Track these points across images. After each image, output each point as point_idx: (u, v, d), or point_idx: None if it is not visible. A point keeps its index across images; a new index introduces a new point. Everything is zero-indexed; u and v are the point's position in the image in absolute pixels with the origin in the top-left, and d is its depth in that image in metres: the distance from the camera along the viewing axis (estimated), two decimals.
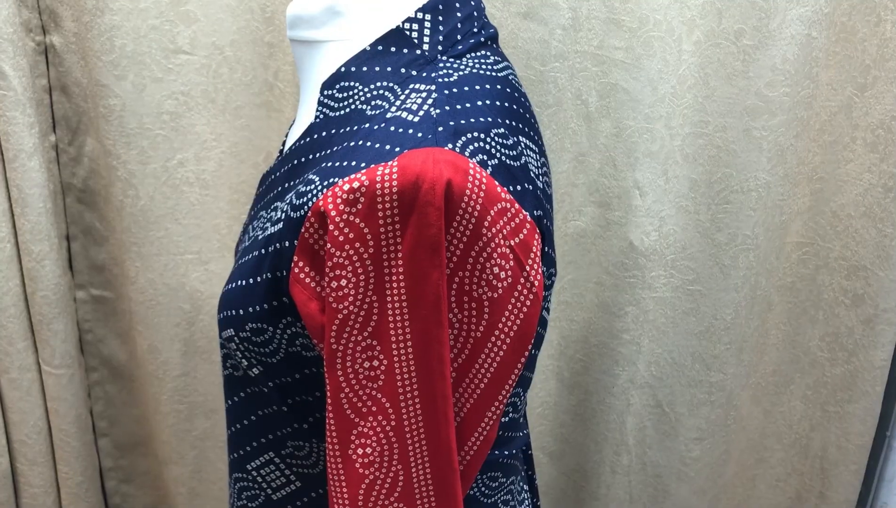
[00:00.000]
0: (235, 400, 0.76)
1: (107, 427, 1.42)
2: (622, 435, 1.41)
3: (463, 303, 0.63)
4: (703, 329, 1.35)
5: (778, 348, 1.44)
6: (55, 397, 1.27)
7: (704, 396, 1.40)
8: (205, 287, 1.27)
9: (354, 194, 0.60)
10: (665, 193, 1.27)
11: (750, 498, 1.55)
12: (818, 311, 1.40)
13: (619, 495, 1.45)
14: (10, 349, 1.22)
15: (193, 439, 1.34)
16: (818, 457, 1.47)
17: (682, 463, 1.44)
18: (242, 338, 0.70)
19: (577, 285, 1.35)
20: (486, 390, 0.67)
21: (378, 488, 0.66)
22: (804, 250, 1.37)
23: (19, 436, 1.27)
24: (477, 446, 0.69)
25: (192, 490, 1.38)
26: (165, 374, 1.29)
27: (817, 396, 1.44)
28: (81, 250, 1.31)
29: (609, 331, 1.35)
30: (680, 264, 1.31)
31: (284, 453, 0.76)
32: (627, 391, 1.38)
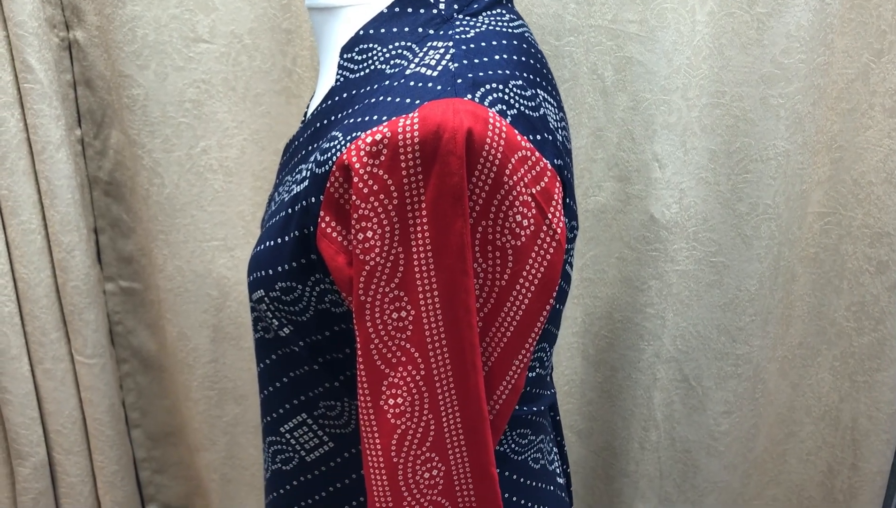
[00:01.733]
0: (267, 363, 0.78)
1: (139, 418, 1.44)
2: (650, 411, 1.41)
3: (487, 252, 0.65)
4: (728, 301, 1.35)
5: (803, 320, 1.43)
6: (88, 386, 1.29)
7: (731, 369, 1.40)
8: (231, 274, 1.28)
9: (377, 147, 0.61)
10: (684, 164, 1.28)
11: (781, 474, 1.55)
12: (843, 281, 1.39)
13: (648, 471, 1.45)
14: (44, 340, 1.24)
15: (224, 425, 1.36)
16: (849, 429, 1.46)
17: (710, 438, 1.44)
18: (272, 298, 0.71)
19: (599, 261, 1.36)
20: (512, 338, 0.68)
21: (410, 438, 0.67)
22: (826, 219, 1.37)
23: (55, 426, 1.29)
24: (506, 395, 0.70)
25: (225, 477, 1.39)
26: (195, 361, 1.31)
27: (845, 367, 1.43)
28: (109, 243, 1.34)
29: (633, 306, 1.35)
30: (702, 236, 1.32)
31: (316, 414, 0.77)
32: (653, 366, 1.38)
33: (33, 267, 1.21)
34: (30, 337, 1.24)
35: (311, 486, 0.80)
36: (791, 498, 1.55)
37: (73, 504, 1.34)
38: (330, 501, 0.80)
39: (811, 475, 1.52)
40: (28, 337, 1.24)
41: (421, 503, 0.69)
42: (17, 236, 1.19)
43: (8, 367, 1.23)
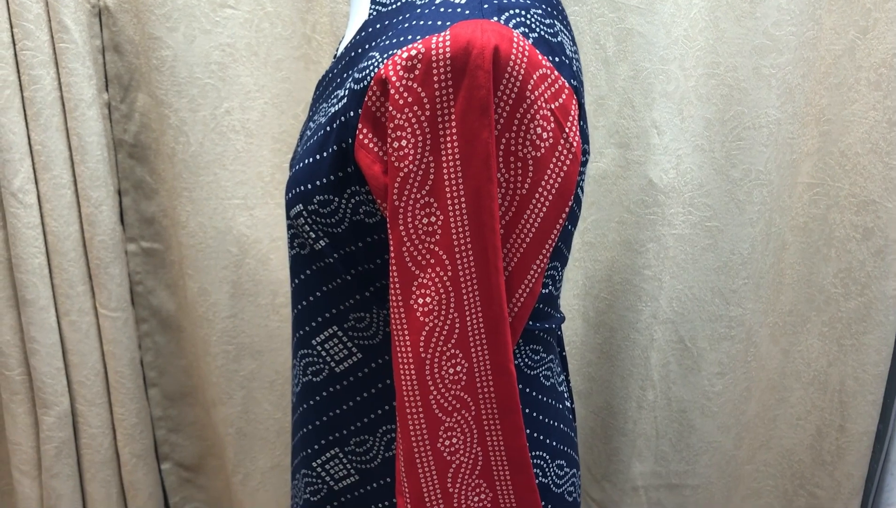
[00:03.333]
0: (302, 278, 0.84)
1: (156, 377, 1.50)
2: (647, 370, 1.47)
3: (509, 163, 0.71)
4: (722, 264, 1.42)
5: (793, 287, 1.50)
6: (111, 339, 1.35)
7: (725, 331, 1.46)
8: (250, 232, 1.35)
9: (412, 61, 0.68)
10: (681, 132, 1.35)
11: (772, 439, 1.61)
12: (830, 249, 1.46)
13: (645, 430, 1.51)
14: (71, 292, 1.30)
15: (241, 379, 1.42)
16: (836, 391, 1.53)
17: (705, 398, 1.50)
18: (310, 211, 0.78)
19: (600, 225, 1.43)
20: (531, 244, 0.74)
21: (437, 335, 0.73)
22: (815, 190, 1.44)
23: (78, 377, 1.35)
24: (524, 298, 0.76)
25: (240, 431, 1.45)
26: (214, 316, 1.37)
27: (833, 332, 1.50)
28: (132, 204, 1.40)
29: (631, 268, 1.42)
30: (697, 201, 1.39)
31: (347, 326, 0.84)
32: (651, 327, 1.45)
33: (63, 221, 1.26)
34: (57, 289, 1.30)
35: (339, 396, 0.86)
36: (782, 463, 1.62)
37: (93, 455, 1.39)
38: (358, 410, 0.86)
39: (801, 438, 1.59)
40: (55, 289, 1.30)
41: (445, 397, 0.75)
42: (49, 191, 1.24)
43: (36, 317, 1.28)
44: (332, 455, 0.89)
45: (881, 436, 1.57)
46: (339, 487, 0.90)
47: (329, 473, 0.90)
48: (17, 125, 1.20)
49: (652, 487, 1.56)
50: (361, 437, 0.87)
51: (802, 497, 1.62)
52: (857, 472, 1.55)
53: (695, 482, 1.56)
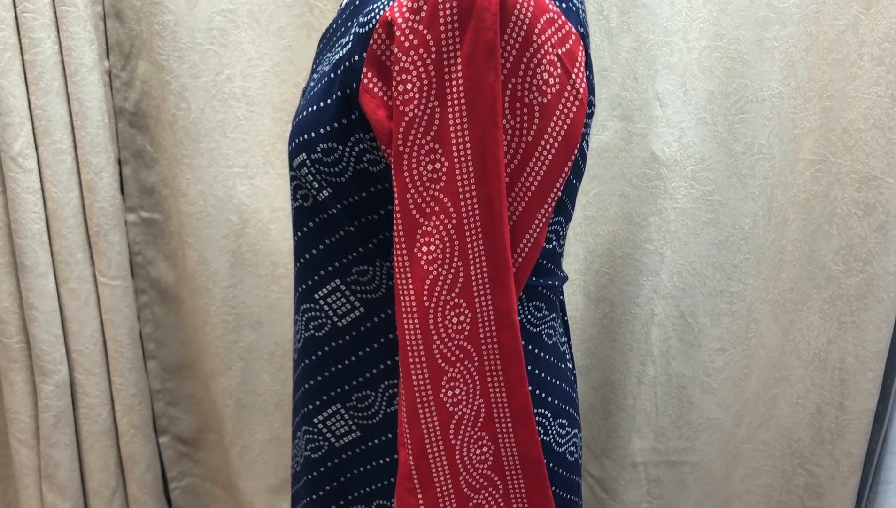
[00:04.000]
0: (304, 231, 0.83)
1: (155, 350, 1.49)
2: (647, 345, 1.47)
3: (515, 109, 0.71)
4: (723, 239, 1.42)
5: (794, 265, 1.50)
6: (110, 308, 1.34)
7: (725, 306, 1.46)
8: (251, 201, 1.34)
9: (418, 3, 0.68)
10: (684, 104, 1.35)
11: (771, 418, 1.61)
12: (832, 226, 1.46)
13: (645, 406, 1.51)
14: (70, 260, 1.29)
15: (241, 350, 1.41)
16: (836, 369, 1.52)
17: (705, 374, 1.50)
18: (314, 160, 0.77)
19: (602, 198, 1.42)
20: (536, 192, 0.74)
21: (441, 284, 0.73)
22: (816, 167, 1.44)
23: (77, 346, 1.34)
24: (528, 248, 0.76)
25: (239, 402, 1.44)
26: (214, 285, 1.37)
27: (833, 309, 1.50)
28: (132, 174, 1.39)
29: (633, 242, 1.42)
30: (700, 175, 1.38)
31: (349, 280, 0.83)
32: (651, 302, 1.44)
33: (62, 187, 1.26)
34: (56, 256, 1.29)
35: (341, 351, 0.86)
36: (781, 442, 1.62)
37: (91, 425, 1.38)
38: (359, 365, 0.86)
39: (800, 417, 1.58)
40: (55, 256, 1.29)
41: (448, 347, 0.75)
42: (49, 156, 1.24)
43: (35, 284, 1.28)
44: (333, 411, 0.88)
45: (881, 415, 1.57)
46: (340, 444, 0.90)
47: (330, 429, 0.89)
48: (18, 88, 1.19)
49: (651, 464, 1.55)
50: (363, 393, 0.87)
51: (801, 476, 1.62)
52: (857, 450, 1.55)
53: (694, 459, 1.56)
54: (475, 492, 0.80)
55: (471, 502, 0.81)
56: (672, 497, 1.59)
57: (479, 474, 0.80)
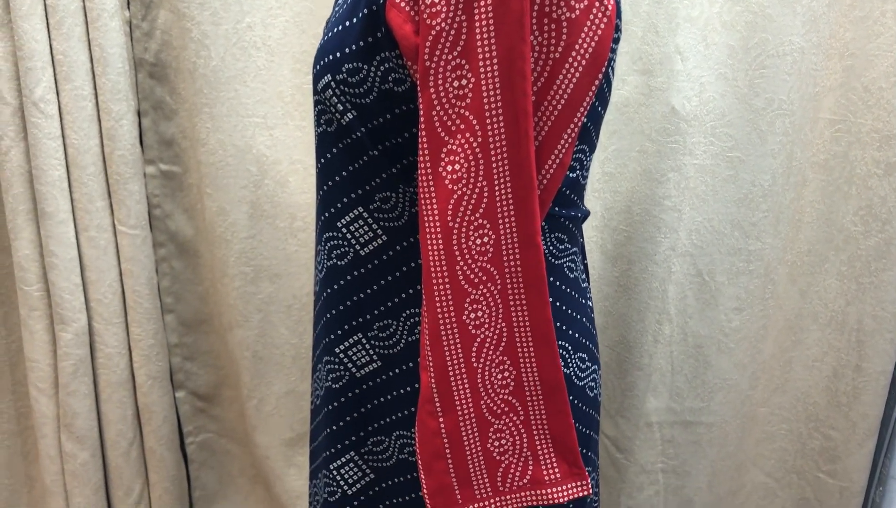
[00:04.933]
0: (328, 157, 0.84)
1: (172, 303, 1.50)
2: (664, 304, 1.47)
3: (543, 25, 0.71)
4: (742, 196, 1.41)
5: (812, 226, 1.49)
6: (129, 257, 1.35)
7: (743, 264, 1.46)
8: (270, 152, 1.34)
9: None
10: (705, 59, 1.34)
11: (787, 382, 1.60)
12: (851, 186, 1.45)
13: (661, 365, 1.51)
14: (90, 207, 1.30)
15: (259, 302, 1.42)
16: (854, 330, 1.52)
17: (722, 334, 1.50)
18: (339, 81, 0.77)
19: (621, 154, 1.42)
20: (562, 111, 0.74)
21: (465, 203, 0.73)
22: (836, 127, 1.43)
23: (96, 295, 1.35)
24: (553, 169, 0.76)
25: (256, 355, 1.45)
26: (233, 236, 1.37)
27: (852, 271, 1.49)
28: (151, 126, 1.39)
29: (651, 198, 1.41)
30: (719, 130, 1.38)
31: (372, 207, 0.83)
32: (669, 259, 1.44)
33: (83, 133, 1.26)
34: (76, 204, 1.30)
35: (363, 280, 0.86)
36: (796, 406, 1.61)
37: (109, 375, 1.39)
38: (381, 294, 0.86)
39: (816, 380, 1.58)
40: (75, 204, 1.30)
41: (472, 268, 0.75)
42: (70, 102, 1.24)
43: (55, 231, 1.28)
44: (354, 340, 0.89)
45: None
46: (360, 374, 0.90)
47: (351, 359, 0.89)
48: (40, 33, 1.19)
49: (666, 423, 1.55)
50: (385, 322, 0.87)
51: (817, 440, 1.61)
52: (873, 412, 1.54)
53: (709, 419, 1.56)
54: (496, 417, 0.81)
55: (492, 427, 0.81)
56: (687, 458, 1.59)
57: (500, 399, 0.80)
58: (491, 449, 0.81)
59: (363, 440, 0.92)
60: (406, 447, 0.90)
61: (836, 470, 1.61)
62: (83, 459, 1.41)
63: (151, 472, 1.48)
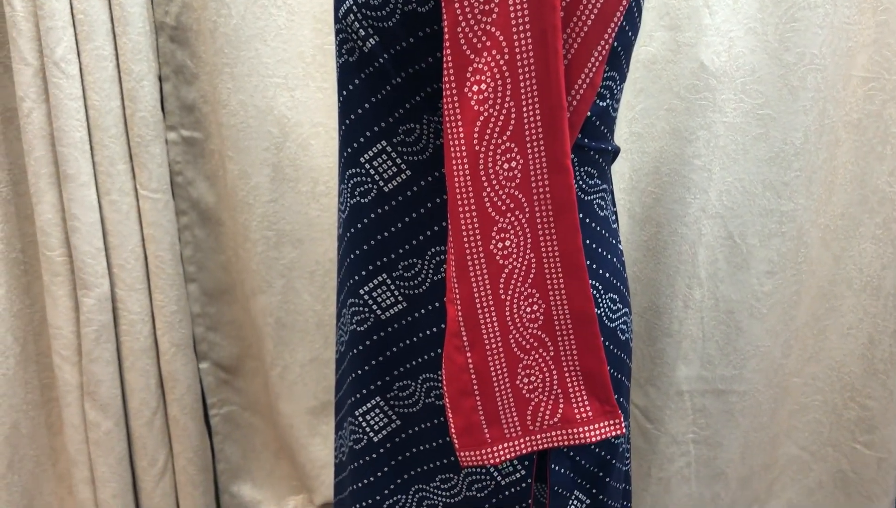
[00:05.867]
0: (350, 89, 0.82)
1: (195, 272, 1.49)
2: (694, 268, 1.43)
3: None
4: (774, 155, 1.38)
5: (846, 189, 1.45)
6: (151, 222, 1.34)
7: (775, 226, 1.42)
8: (291, 114, 1.33)
9: None
10: (734, 12, 1.31)
11: (821, 350, 1.56)
12: (886, 146, 1.41)
13: (691, 331, 1.47)
14: (112, 170, 1.29)
15: (281, 267, 1.40)
16: (891, 296, 1.48)
17: (754, 298, 1.46)
18: (360, 5, 0.75)
19: (649, 113, 1.39)
20: (592, 27, 0.71)
21: (492, 126, 0.71)
22: (870, 85, 1.39)
23: (118, 261, 1.34)
24: (583, 90, 0.73)
25: (279, 321, 1.43)
26: (255, 200, 1.36)
27: (887, 233, 1.45)
28: (173, 91, 1.38)
29: (681, 158, 1.38)
30: (749, 87, 1.34)
31: (396, 141, 0.81)
32: (699, 221, 1.41)
33: (104, 94, 1.25)
34: (98, 166, 1.29)
35: (388, 218, 0.84)
36: (831, 376, 1.57)
37: (132, 342, 1.38)
38: (406, 232, 0.84)
39: (851, 348, 1.54)
40: (96, 167, 1.29)
41: (499, 194, 0.73)
42: (91, 62, 1.23)
43: (77, 194, 1.28)
44: (379, 281, 0.87)
45: None
46: (386, 316, 0.88)
47: (376, 301, 0.87)
48: None
49: (697, 392, 1.52)
50: (409, 261, 0.85)
51: (853, 410, 1.57)
52: None
53: (741, 388, 1.52)
54: (525, 353, 0.78)
55: (521, 363, 0.78)
56: (718, 429, 1.55)
57: (529, 334, 0.78)
58: (520, 386, 0.79)
59: (389, 385, 0.90)
60: (433, 390, 0.88)
61: (874, 441, 1.56)
62: (107, 428, 1.40)
63: (175, 442, 1.47)
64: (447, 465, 0.90)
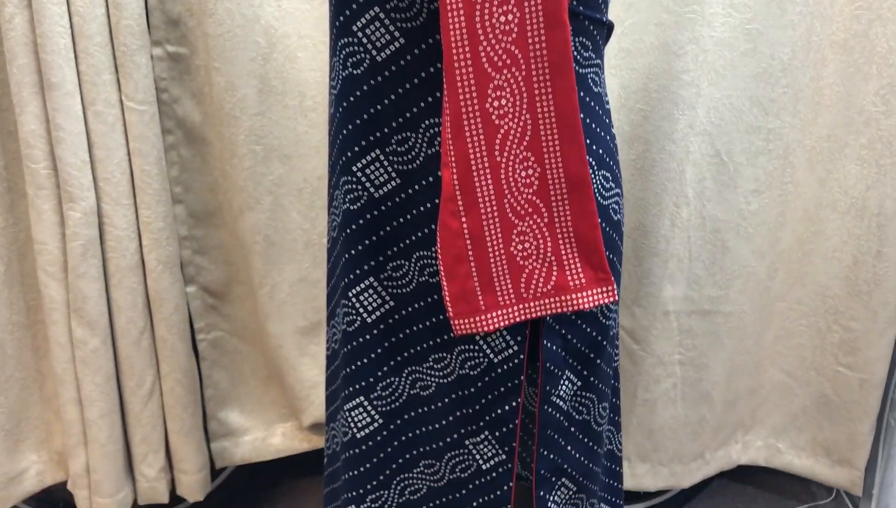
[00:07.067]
0: None
1: (181, 193, 1.47)
2: (682, 186, 1.44)
3: None
4: (761, 71, 1.38)
5: (832, 110, 1.46)
6: (137, 135, 1.32)
7: (762, 144, 1.43)
8: (279, 25, 1.32)
9: None
10: None
11: (806, 275, 1.58)
12: (871, 66, 1.42)
13: (678, 251, 1.48)
14: (97, 80, 1.27)
15: (269, 183, 1.39)
16: (875, 215, 1.49)
17: (740, 217, 1.47)
18: None
19: (637, 28, 1.39)
20: None
21: None
22: (857, 4, 1.40)
23: (104, 174, 1.32)
24: None
25: (268, 239, 1.42)
26: (242, 113, 1.35)
27: (872, 153, 1.46)
28: (157, 4, 1.36)
29: (669, 73, 1.38)
30: (737, 1, 1.34)
31: (389, 7, 0.80)
32: (687, 138, 1.41)
33: (88, 0, 1.23)
34: (83, 76, 1.27)
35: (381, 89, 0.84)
36: (815, 300, 1.59)
37: (119, 259, 1.37)
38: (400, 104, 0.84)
39: (836, 271, 1.55)
40: (81, 76, 1.27)
41: (495, 49, 0.72)
42: None
43: (61, 103, 1.26)
44: (372, 157, 0.86)
45: None
46: (379, 194, 0.87)
47: (369, 178, 0.87)
48: None
49: (683, 313, 1.53)
50: (403, 134, 0.84)
51: (836, 333, 1.59)
52: (894, 299, 1.52)
53: (727, 308, 1.53)
54: (520, 218, 0.78)
55: (515, 229, 0.79)
56: (704, 350, 1.56)
57: (523, 199, 0.78)
58: (514, 253, 0.79)
59: (382, 266, 0.90)
60: (426, 268, 0.88)
61: (856, 362, 1.59)
62: (94, 345, 1.39)
63: (163, 363, 1.46)
64: (440, 344, 0.90)
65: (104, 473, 1.46)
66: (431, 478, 0.95)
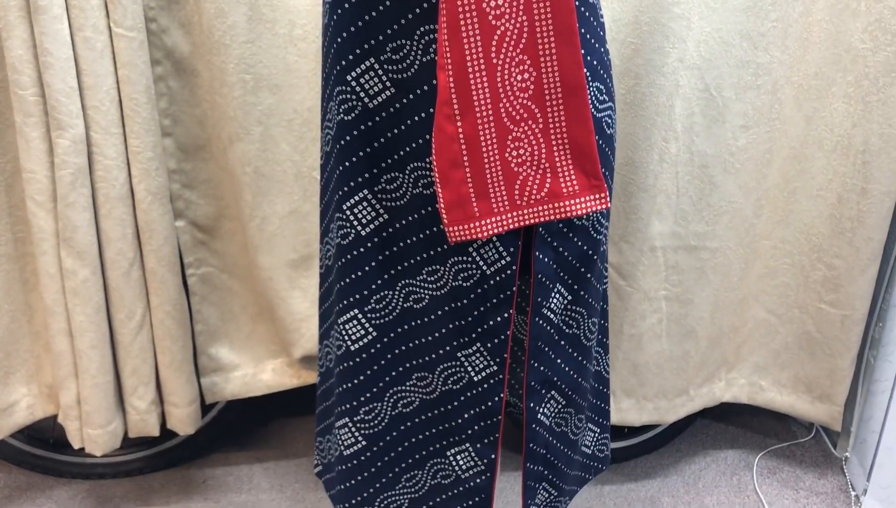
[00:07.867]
0: None
1: (170, 126, 1.47)
2: (671, 120, 1.45)
3: None
4: (751, 4, 1.39)
5: (820, 47, 1.47)
6: (126, 62, 1.31)
7: (751, 79, 1.44)
8: None
9: None
10: None
11: (791, 213, 1.59)
12: (860, 3, 1.43)
13: (666, 186, 1.50)
14: (85, 6, 1.26)
15: (259, 114, 1.39)
16: (860, 152, 1.51)
17: (728, 153, 1.48)
18: None
19: None
20: None
21: None
22: None
23: (93, 102, 1.31)
24: None
25: (258, 171, 1.42)
26: (232, 41, 1.34)
27: (859, 91, 1.47)
28: None
29: (660, 5, 1.38)
30: None
31: None
32: (677, 72, 1.42)
33: None
34: (70, 1, 1.26)
35: None
36: (799, 238, 1.61)
37: (108, 189, 1.36)
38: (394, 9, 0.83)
39: (821, 210, 1.57)
40: (69, 0, 1.26)
41: None
42: None
43: (49, 27, 1.24)
44: (366, 66, 0.86)
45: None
46: (374, 104, 0.88)
47: (363, 88, 0.87)
48: None
49: (670, 248, 1.55)
50: (398, 42, 0.84)
51: (820, 271, 1.61)
52: (877, 236, 1.54)
53: (713, 244, 1.55)
54: (515, 124, 0.79)
55: (510, 134, 0.79)
56: (690, 286, 1.58)
57: (519, 104, 0.78)
58: (509, 159, 0.80)
59: (376, 178, 0.90)
60: (421, 180, 0.88)
61: (839, 299, 1.61)
62: (84, 276, 1.39)
63: (153, 295, 1.47)
64: (434, 256, 0.91)
65: (95, 404, 1.47)
66: (424, 391, 0.97)
